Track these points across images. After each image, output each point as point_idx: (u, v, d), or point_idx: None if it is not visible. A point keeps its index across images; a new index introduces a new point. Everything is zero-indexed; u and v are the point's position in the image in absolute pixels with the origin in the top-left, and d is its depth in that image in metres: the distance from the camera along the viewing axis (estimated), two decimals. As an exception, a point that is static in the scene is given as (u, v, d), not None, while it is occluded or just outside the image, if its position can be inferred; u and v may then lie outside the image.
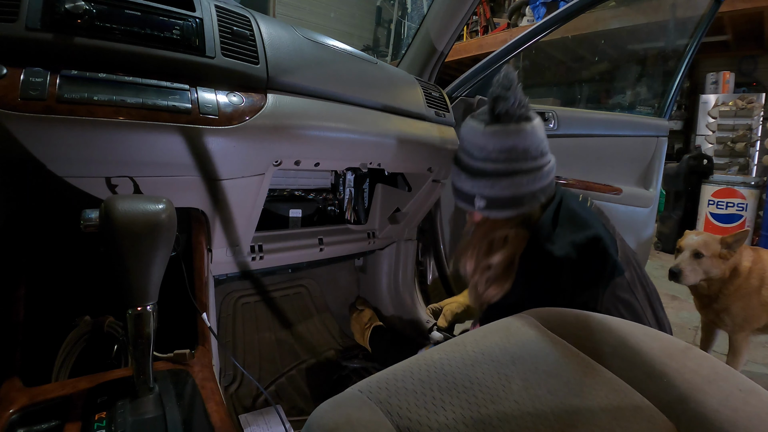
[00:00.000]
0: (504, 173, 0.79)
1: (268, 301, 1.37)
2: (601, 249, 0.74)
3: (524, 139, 0.78)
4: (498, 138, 0.78)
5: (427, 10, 1.41)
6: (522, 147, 0.78)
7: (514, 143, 0.77)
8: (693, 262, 1.43)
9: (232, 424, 0.54)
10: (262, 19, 0.81)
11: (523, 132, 0.78)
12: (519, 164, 0.78)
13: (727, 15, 3.56)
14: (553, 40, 4.76)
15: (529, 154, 0.78)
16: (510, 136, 0.77)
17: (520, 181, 0.78)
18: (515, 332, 0.57)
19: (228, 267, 0.97)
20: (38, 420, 0.50)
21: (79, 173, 0.60)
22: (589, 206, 0.89)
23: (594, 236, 0.75)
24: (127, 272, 0.48)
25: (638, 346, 0.52)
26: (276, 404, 1.15)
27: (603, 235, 0.76)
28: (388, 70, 1.12)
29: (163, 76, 0.63)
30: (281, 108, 0.75)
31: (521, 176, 0.78)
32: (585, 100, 5.43)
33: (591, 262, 0.73)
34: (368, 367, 1.28)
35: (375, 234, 1.29)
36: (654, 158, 1.76)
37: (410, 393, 0.44)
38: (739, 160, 3.94)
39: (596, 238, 0.75)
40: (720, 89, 4.27)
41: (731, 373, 0.47)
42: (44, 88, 0.53)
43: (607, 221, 0.88)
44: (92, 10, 0.57)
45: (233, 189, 0.76)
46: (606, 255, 0.74)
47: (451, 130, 1.21)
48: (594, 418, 0.43)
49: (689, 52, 1.73)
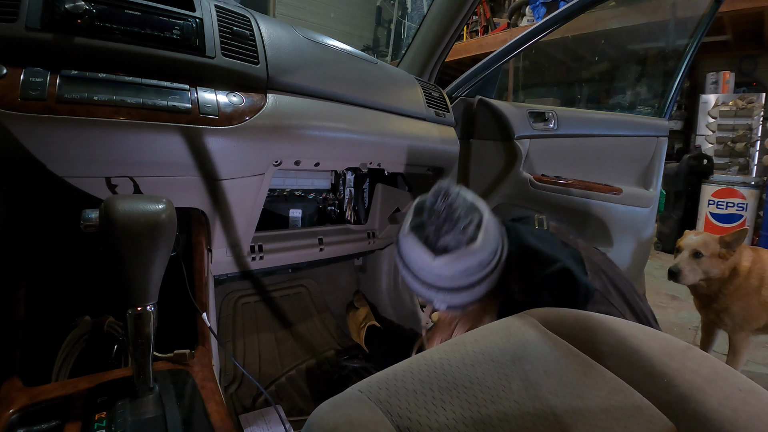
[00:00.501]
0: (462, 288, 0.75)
1: (268, 301, 1.37)
2: (571, 280, 0.73)
3: (476, 256, 0.72)
4: (447, 266, 0.73)
5: (427, 10, 1.41)
6: (477, 262, 0.73)
7: (467, 265, 0.72)
8: (692, 261, 1.43)
9: (232, 424, 0.55)
10: (262, 19, 0.81)
11: (473, 252, 0.71)
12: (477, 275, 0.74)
13: (727, 15, 3.56)
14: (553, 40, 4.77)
15: (484, 263, 0.73)
16: (459, 261, 0.72)
17: (480, 290, 0.75)
18: (515, 332, 0.57)
19: (228, 267, 0.97)
20: (38, 420, 0.50)
21: (79, 173, 0.60)
22: (546, 230, 0.87)
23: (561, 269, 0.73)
24: (127, 272, 0.48)
25: (638, 346, 0.52)
26: (276, 404, 1.15)
27: (569, 265, 0.74)
28: (388, 70, 1.12)
29: (163, 76, 0.63)
30: (281, 108, 0.75)
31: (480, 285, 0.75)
32: (585, 100, 5.43)
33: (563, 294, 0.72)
34: (368, 367, 1.28)
35: (375, 234, 1.29)
36: (654, 158, 1.76)
37: (410, 393, 0.44)
38: (739, 160, 3.93)
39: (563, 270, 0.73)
40: (720, 89, 4.26)
41: (731, 373, 0.47)
42: (44, 88, 0.53)
43: (567, 236, 0.87)
44: (92, 10, 0.57)
45: (233, 189, 0.76)
46: (576, 284, 0.72)
47: (451, 130, 1.21)
48: (594, 418, 0.43)
49: (689, 52, 1.73)
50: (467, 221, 0.71)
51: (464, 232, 0.71)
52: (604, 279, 0.80)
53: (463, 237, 0.71)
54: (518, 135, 1.46)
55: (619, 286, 0.82)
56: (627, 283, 0.85)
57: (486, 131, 1.49)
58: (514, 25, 5.36)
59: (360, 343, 1.33)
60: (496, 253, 0.75)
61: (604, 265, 0.84)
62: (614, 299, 0.78)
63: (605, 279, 0.80)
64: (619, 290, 0.81)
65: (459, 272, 0.73)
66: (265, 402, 1.13)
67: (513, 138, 1.45)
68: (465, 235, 0.71)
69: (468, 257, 0.72)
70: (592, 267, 0.80)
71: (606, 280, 0.80)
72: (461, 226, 0.71)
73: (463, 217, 0.71)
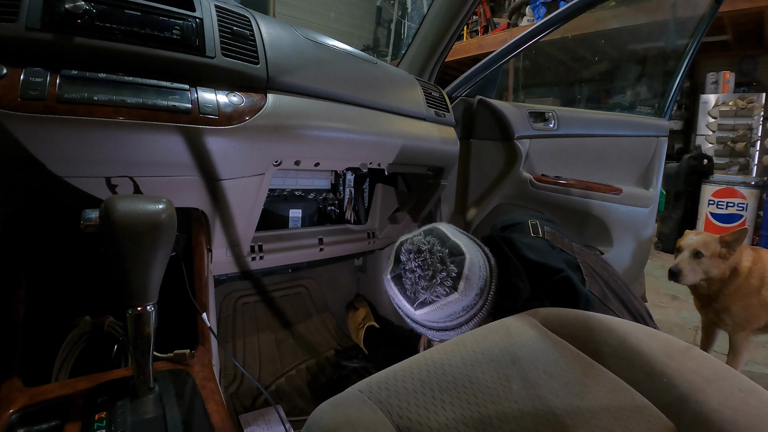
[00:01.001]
0: (450, 328, 0.75)
1: (268, 301, 1.37)
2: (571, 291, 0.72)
3: (459, 303, 0.71)
4: (431, 315, 0.73)
5: (427, 10, 1.41)
6: (460, 308, 0.72)
7: (451, 311, 0.72)
8: (692, 261, 1.43)
9: (232, 424, 0.54)
10: (262, 19, 0.81)
11: (455, 301, 0.71)
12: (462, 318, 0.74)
13: (727, 15, 3.56)
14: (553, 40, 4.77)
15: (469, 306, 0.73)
16: (442, 310, 0.72)
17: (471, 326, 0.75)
18: (515, 332, 0.57)
19: (228, 267, 0.97)
20: (38, 420, 0.50)
21: (79, 173, 0.60)
22: (542, 237, 0.86)
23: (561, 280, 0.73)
24: (127, 272, 0.48)
25: (638, 346, 0.52)
26: (276, 404, 1.15)
27: (568, 273, 0.74)
28: (388, 70, 1.12)
29: (163, 76, 0.63)
30: (281, 108, 0.75)
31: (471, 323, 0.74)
32: (585, 100, 5.43)
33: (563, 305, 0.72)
34: (368, 367, 1.28)
35: (375, 234, 1.29)
36: (654, 158, 1.76)
37: (410, 393, 0.44)
38: (740, 159, 3.93)
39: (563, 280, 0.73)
40: (720, 89, 4.26)
41: (731, 373, 0.47)
42: (44, 88, 0.53)
43: (562, 240, 0.86)
44: (92, 10, 0.57)
45: (233, 189, 0.76)
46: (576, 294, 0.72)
47: (451, 130, 1.21)
48: (594, 418, 0.43)
49: (689, 52, 1.73)
50: (443, 275, 0.70)
51: (441, 285, 0.70)
52: (600, 283, 0.80)
53: (440, 290, 0.70)
54: (518, 135, 1.46)
55: (615, 289, 0.82)
56: (621, 283, 0.85)
57: (486, 131, 1.49)
58: (514, 25, 5.36)
59: (359, 343, 1.33)
60: (482, 293, 0.73)
61: (599, 268, 0.83)
62: (612, 303, 0.78)
63: (602, 283, 0.80)
64: (614, 292, 0.81)
65: (443, 317, 0.74)
66: (265, 402, 1.13)
67: (513, 138, 1.45)
68: (443, 288, 0.70)
69: (450, 306, 0.71)
70: (588, 272, 0.79)
71: (602, 284, 0.80)
72: (437, 280, 0.70)
73: (439, 271, 0.70)
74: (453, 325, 0.75)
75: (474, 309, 0.74)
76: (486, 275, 0.75)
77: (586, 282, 0.77)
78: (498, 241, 0.82)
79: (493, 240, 0.84)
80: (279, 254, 1.05)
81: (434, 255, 0.71)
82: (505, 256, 0.79)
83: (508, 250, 0.79)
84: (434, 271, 0.70)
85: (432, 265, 0.70)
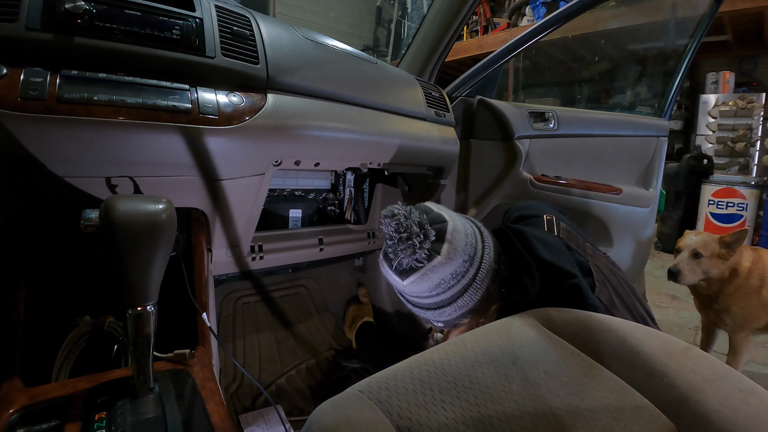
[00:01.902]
0: (445, 303, 0.73)
1: (268, 301, 1.37)
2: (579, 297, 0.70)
3: (445, 268, 0.69)
4: (419, 284, 0.71)
5: (427, 10, 1.41)
6: (448, 274, 0.70)
7: (439, 279, 0.70)
8: (692, 262, 1.43)
9: (232, 424, 0.55)
10: (262, 19, 0.81)
11: (439, 265, 0.69)
12: (454, 289, 0.71)
13: (727, 15, 3.56)
14: (553, 40, 4.77)
15: (459, 273, 0.71)
16: (428, 277, 0.70)
17: (466, 301, 0.73)
18: (515, 332, 0.57)
19: (228, 267, 0.97)
20: (38, 420, 0.50)
21: (79, 173, 0.60)
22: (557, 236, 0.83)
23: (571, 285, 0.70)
24: (127, 272, 0.48)
25: (638, 346, 0.52)
26: (276, 404, 1.15)
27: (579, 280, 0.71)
28: (388, 70, 1.12)
29: (163, 76, 0.63)
30: (281, 108, 0.75)
31: (465, 296, 0.72)
32: (585, 100, 5.43)
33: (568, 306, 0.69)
34: (368, 367, 1.28)
35: (375, 234, 1.29)
36: (654, 158, 1.76)
37: (410, 393, 0.44)
38: (739, 160, 3.94)
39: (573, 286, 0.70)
40: (720, 89, 4.27)
41: (731, 373, 0.47)
42: (44, 88, 0.53)
43: (576, 240, 0.84)
44: (92, 10, 0.57)
45: (233, 189, 0.76)
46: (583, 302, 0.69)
47: (451, 130, 1.21)
48: (594, 418, 0.43)
49: (689, 52, 1.73)
50: (421, 238, 0.68)
51: (421, 248, 0.68)
52: (609, 289, 0.78)
53: (421, 254, 0.69)
54: (518, 135, 1.46)
55: (622, 294, 0.80)
56: (627, 288, 0.84)
57: (486, 131, 1.49)
58: (514, 25, 5.36)
59: (350, 336, 1.33)
60: (473, 261, 0.71)
61: (608, 272, 0.82)
62: (618, 311, 0.76)
63: (610, 289, 0.78)
64: (621, 298, 0.79)
65: (433, 287, 0.72)
66: (265, 402, 1.13)
67: (513, 138, 1.45)
68: (423, 251, 0.69)
69: (436, 272, 0.70)
70: (599, 277, 0.77)
71: (611, 290, 0.78)
72: (416, 243, 0.68)
73: (415, 234, 0.68)
74: (447, 299, 0.73)
75: (466, 278, 0.71)
76: (475, 243, 0.73)
77: (596, 288, 0.75)
78: (508, 233, 0.79)
79: (502, 231, 0.81)
80: (279, 254, 1.05)
81: (410, 219, 0.70)
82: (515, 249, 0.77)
83: (520, 245, 0.76)
84: (410, 234, 0.68)
85: (408, 228, 0.69)
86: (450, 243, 0.70)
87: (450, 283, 0.71)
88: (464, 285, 0.72)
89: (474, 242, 0.73)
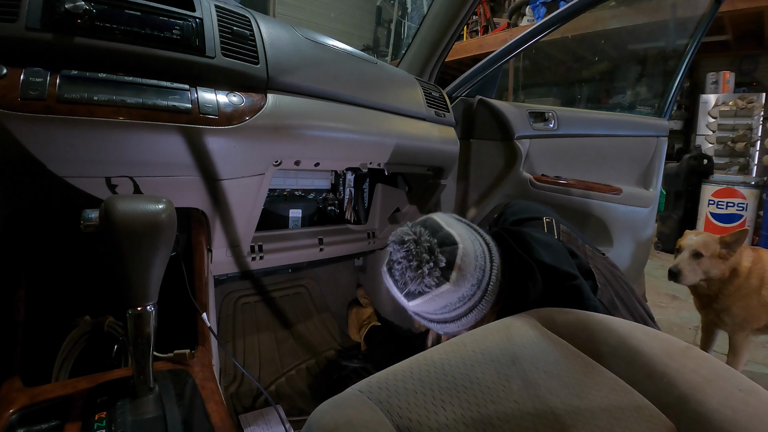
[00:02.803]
0: (449, 320, 0.73)
1: (268, 301, 1.37)
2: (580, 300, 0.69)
3: (453, 295, 0.69)
4: (424, 306, 0.71)
5: (427, 10, 1.41)
6: (456, 298, 0.69)
7: (446, 302, 0.70)
8: (692, 262, 1.43)
9: (232, 424, 0.54)
10: (262, 19, 0.81)
11: (447, 292, 0.68)
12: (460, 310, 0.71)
13: (727, 15, 3.56)
14: (553, 40, 4.77)
15: (465, 297, 0.70)
16: (435, 301, 0.69)
17: (470, 319, 0.72)
18: (515, 332, 0.57)
19: (228, 267, 0.97)
20: (38, 420, 0.50)
21: (79, 173, 0.60)
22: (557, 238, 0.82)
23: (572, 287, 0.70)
24: (127, 272, 0.48)
25: (638, 346, 0.52)
26: (276, 404, 1.15)
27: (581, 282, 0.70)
28: (388, 70, 1.12)
29: (163, 76, 0.63)
30: (281, 108, 0.75)
31: (470, 316, 0.72)
32: (585, 100, 5.43)
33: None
34: (368, 367, 1.28)
35: (375, 234, 1.29)
36: (654, 158, 1.76)
37: (410, 393, 0.44)
38: (740, 159, 3.93)
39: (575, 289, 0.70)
40: (720, 89, 4.26)
41: (731, 373, 0.47)
42: (44, 88, 0.53)
43: (576, 242, 0.84)
44: (92, 10, 0.57)
45: (233, 189, 0.76)
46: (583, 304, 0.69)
47: (451, 130, 1.21)
48: (594, 418, 0.43)
49: (689, 52, 1.73)
50: (431, 265, 0.67)
51: (430, 275, 0.67)
52: (610, 291, 0.78)
53: (429, 280, 0.67)
54: (518, 135, 1.46)
55: (622, 296, 0.80)
56: (627, 289, 0.84)
57: (486, 131, 1.49)
58: (514, 25, 5.36)
59: (358, 339, 1.33)
60: (480, 284, 0.70)
61: (608, 274, 0.82)
62: (618, 311, 0.76)
63: (611, 291, 0.78)
64: (622, 300, 0.79)
65: (438, 308, 0.71)
66: (265, 402, 1.13)
67: (513, 138, 1.45)
68: (432, 278, 0.67)
69: (443, 297, 0.69)
70: (600, 279, 0.77)
71: (612, 292, 0.78)
72: (425, 271, 0.67)
73: (426, 262, 0.67)
74: (452, 317, 0.73)
75: (473, 300, 0.71)
76: (484, 265, 0.71)
77: (598, 290, 0.74)
78: (506, 237, 0.78)
79: (502, 235, 0.80)
80: (279, 254, 1.05)
81: (420, 245, 0.68)
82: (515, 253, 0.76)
83: (519, 248, 0.75)
84: (420, 262, 0.67)
85: (417, 256, 0.68)
86: (459, 269, 0.68)
87: (456, 305, 0.71)
88: (470, 306, 0.71)
89: (483, 264, 0.71)
